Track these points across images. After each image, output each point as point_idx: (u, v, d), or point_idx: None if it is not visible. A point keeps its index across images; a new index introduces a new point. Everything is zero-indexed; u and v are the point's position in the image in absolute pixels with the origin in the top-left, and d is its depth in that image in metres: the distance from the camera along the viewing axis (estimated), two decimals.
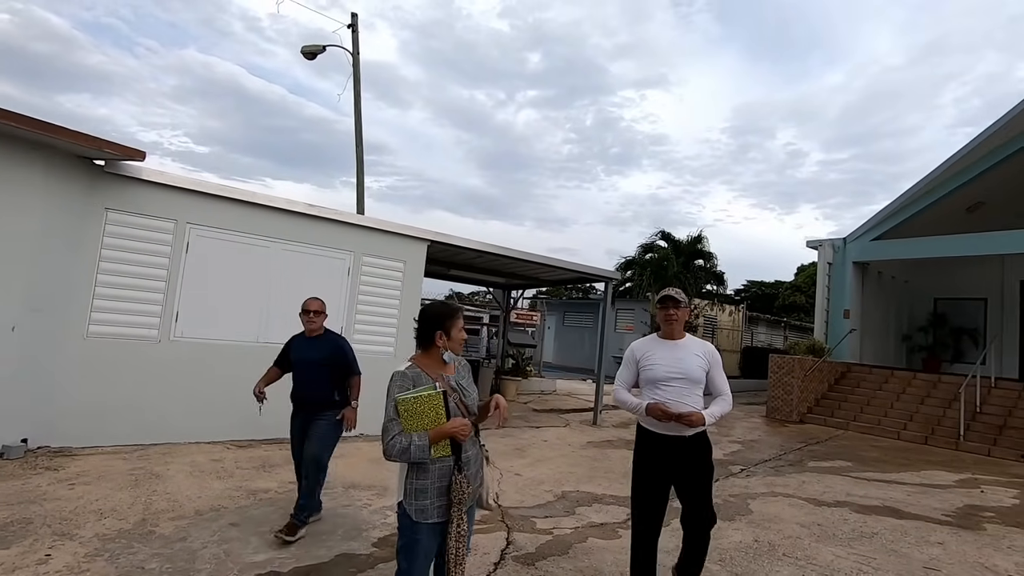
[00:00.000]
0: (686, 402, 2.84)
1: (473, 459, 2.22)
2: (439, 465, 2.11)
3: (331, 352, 3.90)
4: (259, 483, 4.59)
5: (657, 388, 2.91)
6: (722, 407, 2.90)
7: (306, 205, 6.51)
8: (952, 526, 4.88)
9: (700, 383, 2.90)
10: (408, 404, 2.06)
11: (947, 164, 11.56)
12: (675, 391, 2.86)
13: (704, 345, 3.01)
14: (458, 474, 2.11)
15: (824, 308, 13.28)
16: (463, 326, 2.34)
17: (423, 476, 2.10)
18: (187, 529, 3.56)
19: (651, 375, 2.93)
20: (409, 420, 2.06)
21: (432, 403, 2.07)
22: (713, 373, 2.95)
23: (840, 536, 4.38)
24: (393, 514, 4.09)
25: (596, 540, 3.95)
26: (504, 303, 13.73)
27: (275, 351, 3.92)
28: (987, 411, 9.83)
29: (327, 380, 3.84)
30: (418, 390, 2.10)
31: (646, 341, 3.09)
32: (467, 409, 2.23)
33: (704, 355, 2.95)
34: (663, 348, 2.97)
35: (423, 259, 7.48)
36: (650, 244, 18.24)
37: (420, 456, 2.05)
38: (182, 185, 5.68)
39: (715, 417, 2.83)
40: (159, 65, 67.39)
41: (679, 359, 2.90)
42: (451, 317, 2.28)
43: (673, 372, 2.88)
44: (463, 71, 73.00)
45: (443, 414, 2.09)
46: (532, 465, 6.02)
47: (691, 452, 2.87)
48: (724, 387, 2.96)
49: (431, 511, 2.08)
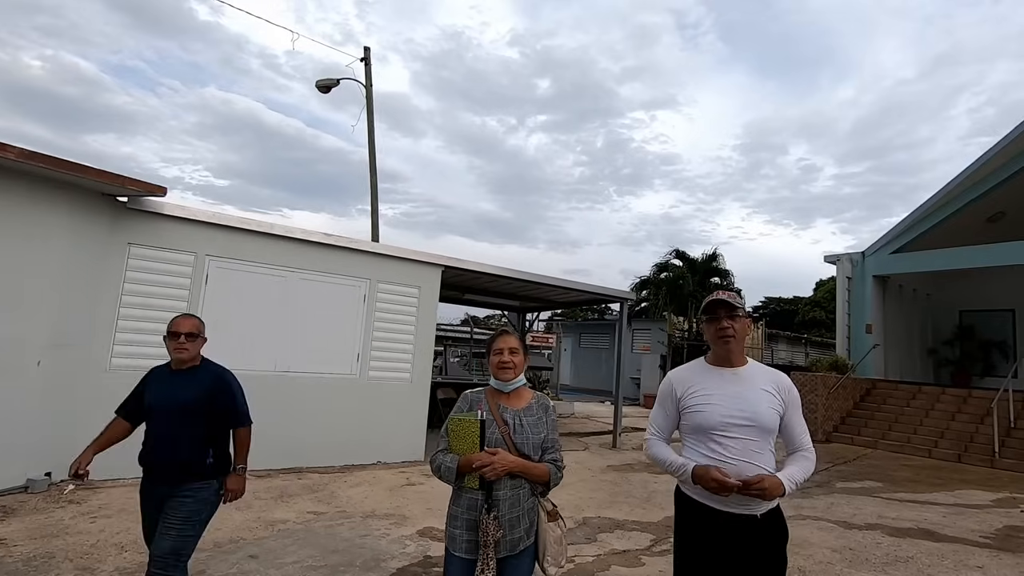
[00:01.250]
0: (755, 462, 1.90)
1: (507, 501, 2.02)
2: (467, 496, 2.05)
3: (209, 392, 2.65)
4: (277, 514, 4.57)
5: (710, 441, 1.97)
6: (804, 468, 1.97)
7: (321, 235, 6.61)
8: (992, 548, 4.68)
9: (772, 432, 1.97)
10: (454, 425, 2.10)
11: (964, 175, 11.41)
12: (738, 445, 1.93)
13: (776, 376, 2.07)
14: (486, 514, 1.98)
15: (845, 323, 13.04)
16: (502, 348, 2.19)
17: (456, 503, 2.09)
18: (206, 561, 3.54)
19: (700, 420, 1.99)
20: (454, 441, 2.09)
21: (469, 429, 2.06)
22: (790, 417, 2.02)
23: (874, 561, 4.22)
24: (412, 544, 4.06)
25: (619, 568, 3.85)
26: (519, 326, 13.71)
27: (293, 381, 3.73)
28: (1022, 426, 9.49)
29: (199, 434, 2.60)
30: (466, 413, 2.11)
31: (690, 369, 2.17)
32: (515, 447, 2.07)
33: (778, 390, 2.01)
34: (716, 379, 2.04)
35: (438, 284, 7.52)
36: (665, 263, 18.21)
37: (447, 478, 2.07)
38: (201, 218, 5.82)
39: (796, 484, 1.91)
40: (181, 103, 69.87)
41: (741, 396, 1.97)
42: (490, 343, 2.27)
43: (734, 416, 1.94)
44: (474, 99, 74.47)
45: (478, 443, 2.04)
46: (552, 491, 5.92)
47: (760, 539, 1.92)
48: (804, 438, 2.03)
49: (459, 543, 2.03)
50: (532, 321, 14.11)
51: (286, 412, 6.17)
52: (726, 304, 2.05)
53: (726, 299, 2.06)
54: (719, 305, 2.06)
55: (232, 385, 2.76)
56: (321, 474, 6.01)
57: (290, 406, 6.20)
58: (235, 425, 2.75)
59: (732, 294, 2.13)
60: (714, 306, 2.08)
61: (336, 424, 6.50)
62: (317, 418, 6.38)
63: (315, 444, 6.32)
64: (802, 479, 1.97)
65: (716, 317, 2.06)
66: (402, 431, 6.55)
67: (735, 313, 2.03)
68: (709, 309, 2.10)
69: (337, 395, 6.57)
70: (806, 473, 1.98)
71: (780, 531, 2.01)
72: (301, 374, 6.34)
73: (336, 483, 5.68)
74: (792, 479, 1.91)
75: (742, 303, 2.10)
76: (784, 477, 1.90)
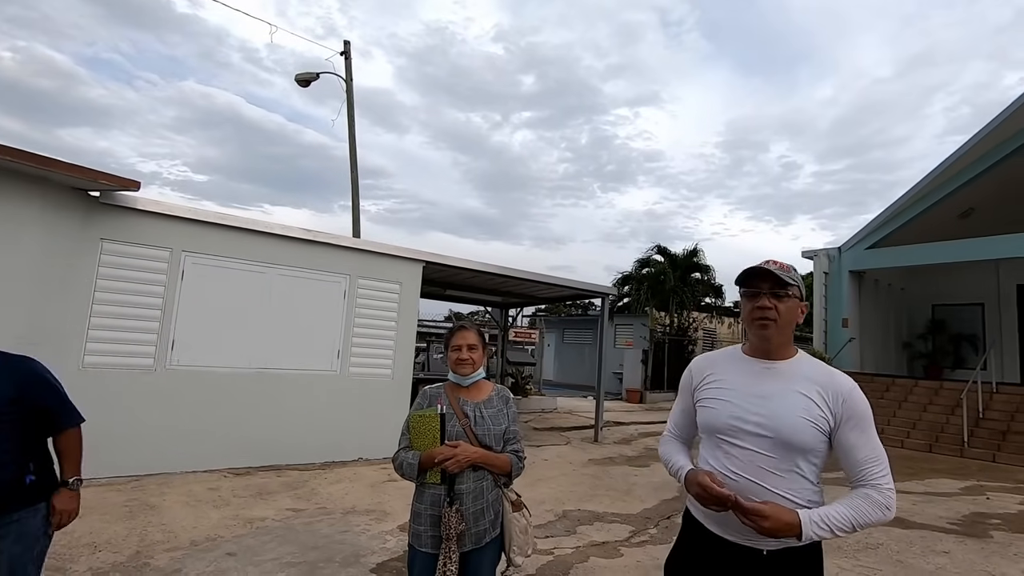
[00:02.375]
0: (765, 484, 1.47)
1: (471, 494, 2.04)
2: (430, 491, 2.07)
3: (18, 387, 1.99)
4: (256, 511, 4.54)
5: (716, 447, 1.58)
6: (856, 510, 1.41)
7: (301, 230, 6.55)
8: (958, 534, 4.83)
9: (802, 451, 1.47)
10: (415, 421, 2.11)
11: (937, 172, 11.67)
12: (744, 457, 1.50)
13: (829, 378, 1.53)
14: (448, 507, 2.00)
15: (822, 318, 13.28)
16: (460, 344, 2.19)
17: (419, 499, 2.11)
18: (182, 560, 3.51)
19: (708, 418, 1.61)
20: (415, 437, 2.10)
21: (430, 424, 2.08)
22: (846, 437, 1.48)
23: (846, 548, 4.32)
24: (393, 539, 4.06)
25: (597, 559, 3.90)
26: (502, 322, 13.73)
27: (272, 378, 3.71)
28: (990, 417, 9.77)
29: (8, 446, 1.96)
30: (426, 409, 2.13)
31: (717, 356, 1.72)
32: (476, 439, 2.09)
33: (826, 397, 1.49)
34: (742, 372, 1.60)
35: (419, 280, 7.50)
36: (647, 259, 18.37)
37: (409, 475, 2.08)
38: (176, 213, 5.73)
39: (833, 530, 1.39)
40: (159, 97, 68.24)
41: (765, 396, 1.52)
42: (448, 338, 2.26)
43: (746, 419, 1.52)
44: (458, 95, 73.96)
45: (438, 438, 2.06)
46: (533, 485, 5.96)
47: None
48: (873, 468, 1.46)
49: (424, 538, 2.05)
50: (515, 317, 14.14)
51: (265, 409, 6.12)
52: (771, 277, 1.52)
53: (772, 269, 1.52)
54: (761, 277, 1.53)
55: (47, 375, 2.10)
56: (301, 471, 5.97)
57: (269, 403, 6.15)
58: (60, 426, 2.11)
59: (784, 264, 1.56)
60: (755, 277, 1.54)
61: (316, 421, 6.46)
62: (297, 415, 6.33)
63: (295, 441, 6.28)
64: (849, 526, 1.39)
65: (756, 292, 1.54)
66: (384, 428, 6.52)
67: (784, 291, 1.51)
68: (747, 278, 1.56)
69: (317, 392, 6.53)
70: (861, 518, 1.40)
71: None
72: (281, 371, 6.29)
73: (316, 480, 5.65)
74: (825, 523, 1.38)
75: (795, 279, 1.54)
76: (809, 516, 1.38)
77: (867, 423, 1.50)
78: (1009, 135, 10.74)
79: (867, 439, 1.49)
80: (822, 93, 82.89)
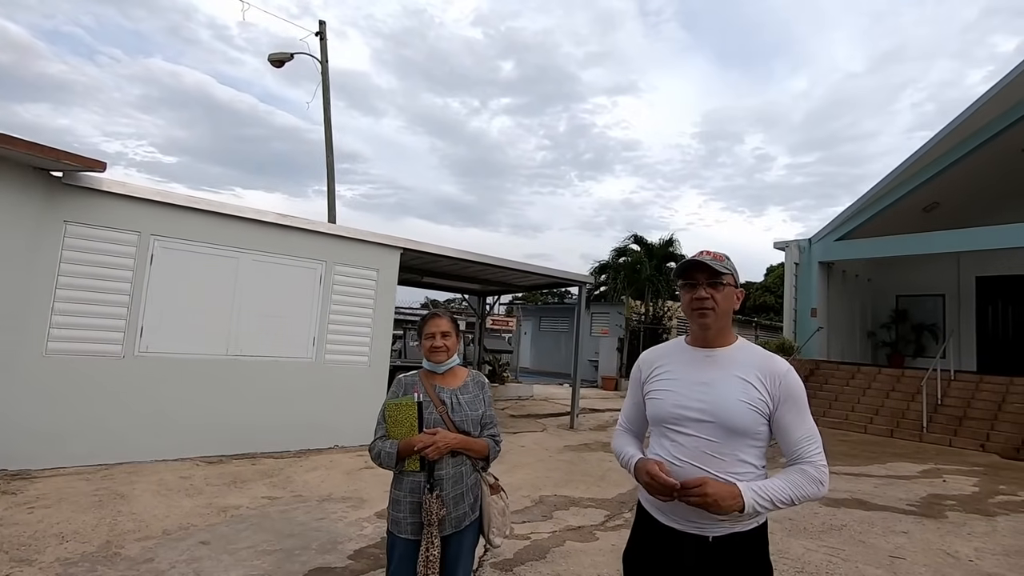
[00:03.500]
0: (710, 468, 1.50)
1: (450, 479, 2.06)
2: (409, 479, 2.08)
3: None
4: (230, 499, 4.48)
5: (665, 435, 1.61)
6: (794, 484, 1.47)
7: (275, 215, 6.42)
8: (916, 515, 5.04)
9: (744, 434, 1.52)
10: (391, 410, 2.09)
11: (903, 167, 12.01)
12: (689, 443, 1.54)
13: (766, 362, 1.58)
14: (428, 493, 2.01)
15: (792, 307, 13.63)
16: (433, 332, 2.19)
17: (397, 487, 2.12)
18: (154, 549, 3.45)
19: (654, 409, 1.65)
20: (391, 427, 2.09)
21: (407, 412, 2.07)
22: (783, 416, 1.53)
23: (811, 529, 4.48)
24: (370, 526, 4.06)
25: (573, 543, 3.96)
26: (479, 309, 13.73)
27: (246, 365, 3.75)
28: (948, 403, 10.20)
29: None
30: (402, 398, 2.12)
31: (663, 349, 1.76)
32: (454, 426, 2.10)
33: (764, 380, 1.54)
34: (686, 362, 1.64)
35: (396, 267, 7.44)
36: (623, 248, 18.53)
37: (388, 464, 2.08)
38: (145, 196, 5.55)
39: (773, 502, 1.45)
40: (123, 74, 65.54)
41: (707, 384, 1.57)
42: (422, 324, 2.26)
43: (690, 407, 1.56)
44: (436, 79, 72.98)
45: (416, 426, 2.06)
46: (509, 471, 6.01)
47: (716, 572, 1.50)
48: (807, 446, 1.52)
49: (404, 525, 2.06)
50: (492, 304, 14.14)
51: (239, 397, 6.02)
52: (704, 267, 1.58)
53: (706, 261, 1.58)
54: (697, 268, 1.59)
55: None
56: (276, 459, 5.91)
57: (243, 391, 6.06)
58: None
59: (717, 254, 1.63)
60: (691, 269, 1.60)
61: (291, 409, 6.39)
62: (272, 403, 6.25)
63: (270, 429, 6.20)
64: (787, 498, 1.45)
65: (693, 283, 1.60)
66: (360, 414, 6.48)
67: (718, 280, 1.58)
68: (684, 271, 1.62)
69: (292, 379, 6.45)
70: (797, 491, 1.46)
71: (748, 568, 1.51)
72: (255, 358, 6.19)
73: (292, 468, 5.61)
74: (765, 494, 1.43)
75: (729, 267, 1.61)
76: (749, 488, 1.43)
77: (802, 404, 1.56)
78: (971, 133, 11.10)
79: (802, 419, 1.54)
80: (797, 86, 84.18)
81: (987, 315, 13.89)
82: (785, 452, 1.57)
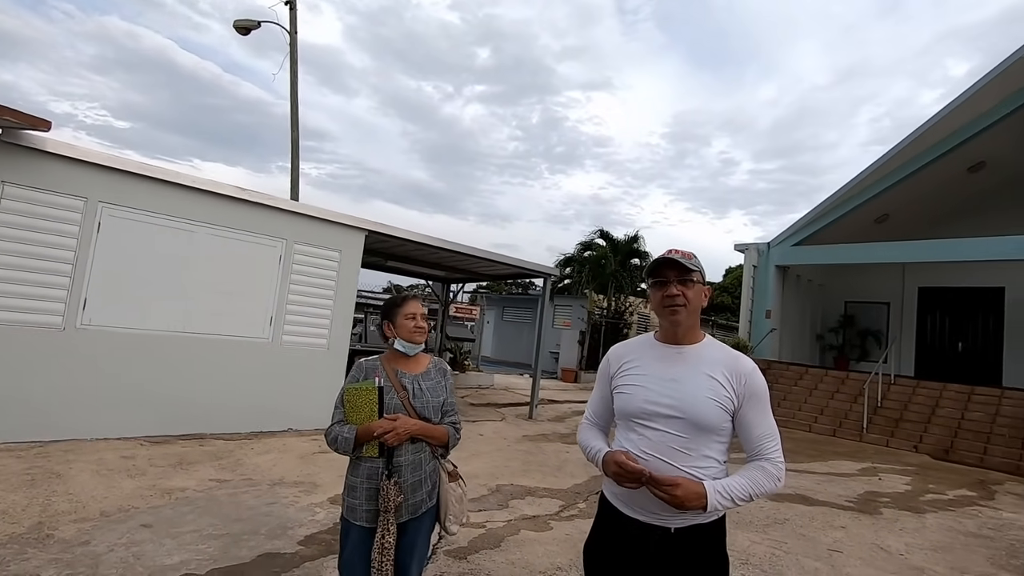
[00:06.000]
0: (675, 463, 1.54)
1: (409, 466, 2.04)
2: (367, 465, 2.03)
3: None
4: (175, 481, 4.32)
5: (632, 429, 1.63)
6: (753, 481, 1.54)
7: (235, 188, 6.17)
8: (854, 511, 5.30)
9: (711, 430, 1.56)
10: (350, 395, 2.04)
11: (859, 178, 12.49)
12: (656, 438, 1.57)
13: (733, 360, 1.62)
14: (386, 479, 1.98)
15: (749, 308, 14.04)
16: (415, 313, 2.17)
17: (354, 472, 2.07)
18: (91, 532, 3.29)
19: (623, 404, 1.67)
20: (350, 411, 2.04)
21: (367, 397, 2.02)
22: (746, 414, 1.59)
23: (756, 523, 4.65)
24: (322, 512, 3.98)
25: (528, 532, 3.99)
26: (443, 296, 13.62)
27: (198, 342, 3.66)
28: (887, 405, 10.74)
29: None
30: (362, 382, 2.06)
31: (633, 344, 1.77)
32: (415, 412, 2.08)
33: (730, 378, 1.58)
34: (655, 358, 1.66)
35: (360, 249, 7.28)
36: (589, 242, 18.68)
37: (345, 449, 2.02)
38: (94, 160, 5.24)
39: (734, 500, 1.51)
40: (77, 32, 61.72)
41: (676, 380, 1.60)
42: (397, 306, 2.20)
43: (659, 403, 1.58)
44: (411, 61, 71.65)
45: (376, 411, 2.01)
46: (467, 460, 6.01)
47: (675, 564, 1.55)
48: (767, 443, 1.59)
49: (359, 512, 2.01)
50: (457, 292, 14.06)
51: (189, 375, 5.80)
52: (677, 265, 1.61)
53: (677, 259, 1.61)
54: (668, 266, 1.62)
55: None
56: (227, 441, 5.73)
57: (194, 369, 5.84)
58: None
59: (686, 253, 1.65)
60: (662, 267, 1.63)
61: (245, 389, 6.20)
62: (224, 383, 6.04)
63: (221, 410, 6.00)
64: (747, 495, 1.51)
65: (664, 281, 1.62)
66: (316, 398, 6.34)
67: (688, 277, 1.61)
68: (655, 269, 1.65)
69: (247, 359, 6.25)
70: (756, 487, 1.52)
71: (708, 559, 1.56)
72: (207, 336, 5.96)
73: (243, 450, 5.45)
74: (727, 491, 1.49)
75: (697, 265, 1.64)
76: (713, 487, 1.48)
77: (765, 402, 1.62)
78: (921, 151, 11.63)
79: (764, 417, 1.60)
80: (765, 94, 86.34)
81: (926, 324, 14.66)
82: (746, 448, 1.62)
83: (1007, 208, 12.88)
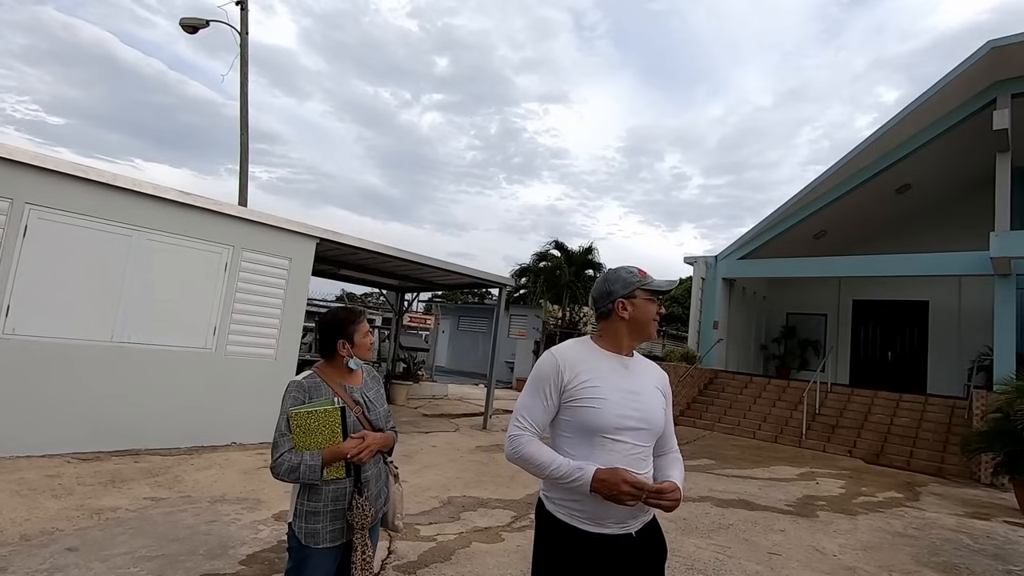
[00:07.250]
0: (638, 470, 1.60)
1: (374, 478, 2.03)
2: (333, 487, 1.94)
3: None
4: (106, 500, 4.07)
5: (597, 444, 1.61)
6: (682, 470, 1.78)
7: (178, 192, 5.92)
8: (792, 515, 5.53)
9: (659, 435, 1.73)
10: (302, 419, 1.86)
11: (798, 196, 13.18)
12: (624, 450, 1.61)
13: (660, 372, 1.83)
14: (359, 497, 1.93)
15: (697, 319, 14.50)
16: (369, 330, 2.17)
17: (315, 498, 1.94)
18: (8, 558, 3.06)
19: (591, 418, 1.60)
20: (302, 437, 1.86)
21: (328, 420, 1.88)
22: (667, 416, 1.79)
23: (701, 528, 4.78)
24: (266, 529, 3.84)
25: (480, 544, 3.97)
26: (398, 306, 13.44)
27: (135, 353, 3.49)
28: (824, 412, 11.29)
29: None
30: (314, 404, 1.92)
31: (579, 350, 1.72)
32: (371, 426, 2.04)
33: (663, 388, 1.79)
34: (607, 369, 1.67)
35: (311, 257, 7.11)
36: (544, 253, 18.88)
37: (311, 477, 1.88)
38: (20, 159, 4.92)
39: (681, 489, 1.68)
40: (5, 20, 57.83)
41: (635, 393, 1.67)
42: (354, 322, 2.11)
43: (629, 417, 1.62)
44: (368, 67, 70.76)
45: (339, 432, 1.91)
46: (419, 471, 5.93)
47: (636, 562, 1.62)
48: (673, 438, 1.84)
49: (323, 535, 1.92)
50: (411, 301, 13.90)
51: (123, 388, 5.50)
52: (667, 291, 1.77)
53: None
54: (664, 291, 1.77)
55: None
56: (164, 456, 5.45)
57: (129, 381, 5.53)
58: None
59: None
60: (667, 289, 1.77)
61: (185, 402, 5.92)
62: (162, 395, 5.75)
63: (158, 424, 5.71)
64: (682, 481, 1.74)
65: (660, 300, 1.77)
66: (263, 410, 6.13)
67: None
68: (662, 291, 1.76)
69: (187, 371, 5.97)
70: (683, 474, 1.78)
71: (659, 548, 1.70)
72: (144, 346, 5.67)
73: (181, 466, 5.19)
74: (681, 483, 1.71)
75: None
76: (677, 482, 1.67)
77: (670, 403, 1.84)
78: (854, 172, 12.39)
79: (670, 416, 1.82)
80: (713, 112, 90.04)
81: (860, 335, 15.53)
82: (662, 445, 1.80)
83: (932, 227, 13.87)
